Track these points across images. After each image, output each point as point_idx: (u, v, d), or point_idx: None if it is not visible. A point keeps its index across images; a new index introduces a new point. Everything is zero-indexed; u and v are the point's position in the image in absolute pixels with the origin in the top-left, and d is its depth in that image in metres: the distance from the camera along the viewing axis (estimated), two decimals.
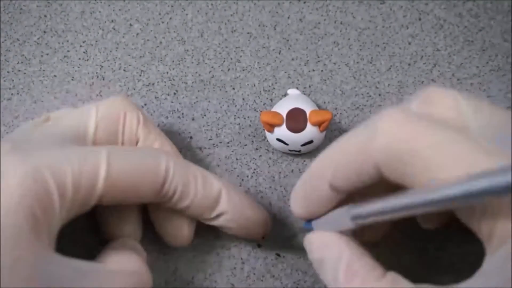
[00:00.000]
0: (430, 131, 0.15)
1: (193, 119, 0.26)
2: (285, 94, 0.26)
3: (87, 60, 0.27)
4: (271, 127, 0.23)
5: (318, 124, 0.23)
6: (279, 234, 0.24)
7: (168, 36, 0.28)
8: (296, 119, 0.23)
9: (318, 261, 0.19)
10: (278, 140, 0.24)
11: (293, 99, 0.24)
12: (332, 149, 0.18)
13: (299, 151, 0.24)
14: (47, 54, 0.28)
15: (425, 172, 0.15)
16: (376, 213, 0.16)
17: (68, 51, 0.28)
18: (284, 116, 0.23)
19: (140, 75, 0.27)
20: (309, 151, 0.25)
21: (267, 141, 0.25)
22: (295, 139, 0.23)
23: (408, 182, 0.15)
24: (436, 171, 0.14)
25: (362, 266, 0.17)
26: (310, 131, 0.23)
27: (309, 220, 0.20)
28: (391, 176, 0.16)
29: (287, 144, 0.24)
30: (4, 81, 0.27)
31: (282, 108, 0.24)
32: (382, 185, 0.17)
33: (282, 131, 0.23)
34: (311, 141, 0.24)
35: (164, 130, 0.26)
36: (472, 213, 0.15)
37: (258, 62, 0.27)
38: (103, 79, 0.27)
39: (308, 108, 0.23)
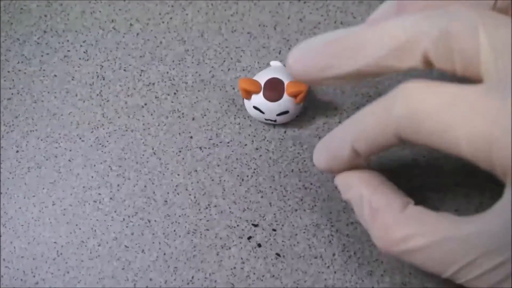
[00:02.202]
0: (443, 93, 0.15)
1: (193, 119, 0.26)
2: (268, 65, 0.27)
3: (87, 60, 0.27)
4: (248, 94, 0.24)
5: (294, 95, 0.24)
6: (279, 234, 0.24)
7: (168, 36, 0.28)
8: (273, 89, 0.24)
9: (348, 202, 0.20)
10: (255, 108, 0.24)
11: (274, 70, 0.25)
12: (356, 116, 0.18)
13: (275, 121, 0.25)
14: (47, 53, 0.28)
15: (440, 133, 0.15)
16: None
17: (68, 50, 0.28)
18: (262, 85, 0.24)
19: (140, 75, 0.27)
20: (285, 122, 0.25)
21: (267, 140, 0.25)
22: (271, 108, 0.24)
23: (426, 143, 0.16)
24: (449, 130, 0.15)
25: (382, 202, 0.18)
26: (286, 102, 0.24)
27: None
28: (411, 139, 0.16)
29: (263, 113, 0.24)
30: (4, 81, 0.27)
31: (262, 77, 0.24)
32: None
33: (259, 99, 0.24)
34: (286, 112, 0.24)
35: (164, 130, 0.26)
36: (486, 155, 0.15)
37: (258, 62, 0.27)
38: (103, 79, 0.27)
39: (286, 79, 0.24)
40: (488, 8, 0.17)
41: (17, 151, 0.26)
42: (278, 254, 0.24)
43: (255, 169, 0.25)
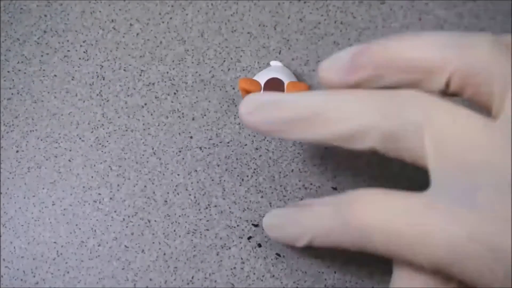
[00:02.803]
0: (393, 211, 0.16)
1: (193, 119, 0.26)
2: (268, 65, 0.26)
3: (87, 60, 0.27)
4: (248, 94, 0.24)
5: None
6: None
7: (168, 36, 0.28)
8: (273, 89, 0.24)
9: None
10: None
11: (274, 70, 0.25)
12: (314, 213, 0.19)
13: None
14: (47, 53, 0.28)
15: (395, 252, 0.16)
16: None
17: (68, 50, 0.28)
18: (262, 85, 0.24)
19: (140, 75, 0.27)
20: None
21: (267, 140, 0.25)
22: None
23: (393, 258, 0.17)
24: (403, 251, 0.16)
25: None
26: None
27: None
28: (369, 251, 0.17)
29: None
30: (4, 81, 0.27)
31: (262, 77, 0.24)
32: None
33: None
34: None
35: (164, 130, 0.26)
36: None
37: (258, 62, 0.27)
38: (103, 79, 0.27)
39: (286, 79, 0.24)
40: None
41: (17, 151, 0.26)
42: (278, 254, 0.24)
43: (255, 169, 0.25)
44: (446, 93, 0.17)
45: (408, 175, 0.24)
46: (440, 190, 0.16)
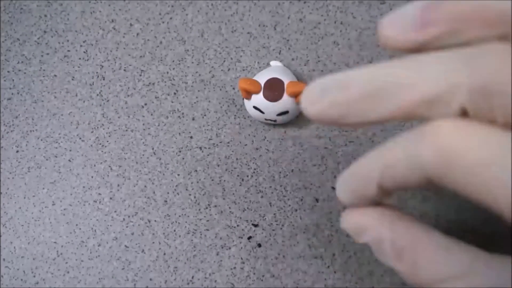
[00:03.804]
0: (481, 141, 0.14)
1: (193, 119, 0.26)
2: (268, 65, 0.27)
3: (87, 60, 0.27)
4: (248, 94, 0.24)
5: (295, 95, 0.24)
6: (279, 234, 0.24)
7: (168, 36, 0.28)
8: (273, 89, 0.24)
9: (366, 244, 0.18)
10: (255, 108, 0.24)
11: (274, 70, 0.25)
12: (381, 150, 0.17)
13: (275, 121, 0.25)
14: (47, 53, 0.28)
15: (475, 187, 0.14)
16: None
17: (68, 50, 0.28)
18: (262, 85, 0.24)
19: (141, 75, 0.27)
20: (285, 122, 0.25)
21: (267, 140, 0.25)
22: (271, 108, 0.24)
23: (460, 193, 0.15)
24: (486, 187, 0.14)
25: (405, 240, 0.16)
26: (286, 102, 0.24)
27: None
28: (443, 186, 0.15)
29: (263, 113, 0.24)
30: (4, 80, 0.27)
31: (262, 77, 0.24)
32: None
33: (259, 99, 0.24)
34: (286, 112, 0.24)
35: (164, 130, 0.26)
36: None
37: (258, 62, 0.27)
38: (103, 79, 0.27)
39: (286, 79, 0.24)
40: None
41: (17, 151, 0.26)
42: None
43: (255, 169, 0.25)
44: None
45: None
46: None
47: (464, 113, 0.15)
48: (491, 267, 0.15)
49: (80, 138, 0.26)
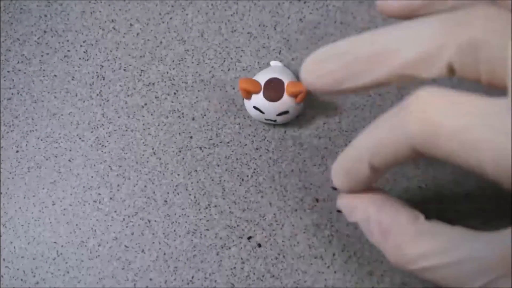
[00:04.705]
0: (462, 107, 0.14)
1: (193, 119, 0.26)
2: (268, 65, 0.27)
3: (87, 59, 0.27)
4: (248, 94, 0.24)
5: (294, 95, 0.24)
6: (279, 234, 0.24)
7: (168, 36, 0.28)
8: (273, 89, 0.24)
9: (357, 224, 0.19)
10: (255, 108, 0.24)
11: (274, 70, 0.25)
12: (369, 130, 0.17)
13: (275, 121, 0.25)
14: (47, 53, 0.28)
15: (460, 152, 0.14)
16: None
17: (68, 50, 0.28)
18: (262, 85, 0.24)
19: (140, 75, 0.27)
20: (285, 122, 0.25)
21: (267, 140, 0.25)
22: (271, 108, 0.24)
23: (446, 160, 0.15)
24: (471, 150, 0.14)
25: (391, 221, 0.17)
26: (286, 102, 0.24)
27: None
28: (429, 155, 0.15)
29: (263, 113, 0.24)
30: (4, 80, 0.27)
31: (262, 77, 0.24)
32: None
33: (259, 99, 0.24)
34: (286, 112, 0.24)
35: (164, 130, 0.26)
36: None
37: (258, 62, 0.27)
38: (103, 79, 0.27)
39: (286, 79, 0.24)
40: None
41: (17, 151, 0.26)
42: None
43: (255, 169, 0.25)
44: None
45: (407, 175, 0.24)
46: None
47: (451, 71, 0.16)
48: (477, 241, 0.15)
49: (80, 138, 0.26)
